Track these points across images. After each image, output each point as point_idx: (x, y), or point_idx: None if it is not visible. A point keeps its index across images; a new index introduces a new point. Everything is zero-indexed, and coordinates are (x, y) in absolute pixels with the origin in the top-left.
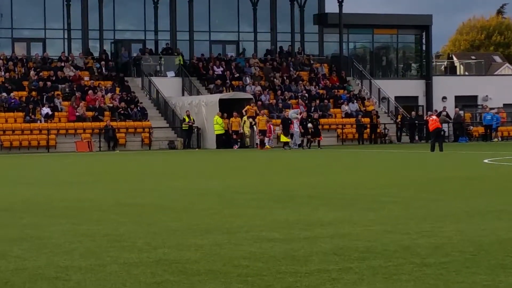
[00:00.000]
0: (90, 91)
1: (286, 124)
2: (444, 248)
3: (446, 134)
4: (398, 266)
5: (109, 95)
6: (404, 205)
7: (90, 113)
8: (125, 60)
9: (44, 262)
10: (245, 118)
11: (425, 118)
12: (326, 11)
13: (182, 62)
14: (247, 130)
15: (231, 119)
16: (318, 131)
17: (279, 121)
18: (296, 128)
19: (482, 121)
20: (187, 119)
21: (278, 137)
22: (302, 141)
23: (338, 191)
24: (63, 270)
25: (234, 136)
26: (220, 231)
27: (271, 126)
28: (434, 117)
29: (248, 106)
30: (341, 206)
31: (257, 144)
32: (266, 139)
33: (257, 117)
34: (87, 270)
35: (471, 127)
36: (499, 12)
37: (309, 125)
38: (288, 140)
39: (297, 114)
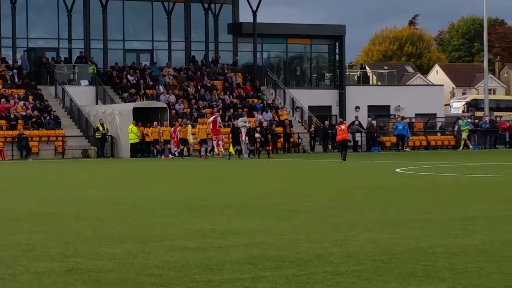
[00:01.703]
0: (2, 100)
1: (236, 133)
2: (356, 256)
3: (359, 143)
4: (311, 275)
5: (21, 103)
6: (317, 214)
7: (2, 122)
8: (25, 68)
9: None
10: (189, 127)
11: (336, 126)
12: (240, 21)
13: (95, 71)
14: (190, 138)
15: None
16: (268, 140)
17: (228, 129)
18: (244, 137)
19: (394, 130)
20: (100, 128)
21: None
22: (251, 150)
23: (253, 200)
24: None
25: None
26: (134, 240)
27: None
28: (343, 126)
29: (180, 128)
30: (255, 216)
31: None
32: (203, 149)
33: (197, 126)
34: None
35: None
36: (411, 23)
37: (257, 134)
38: (233, 151)
39: (245, 122)
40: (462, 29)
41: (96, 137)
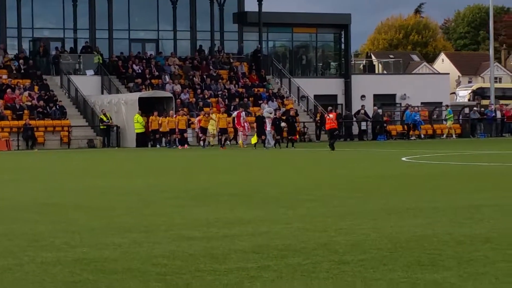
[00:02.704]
0: (8, 90)
1: (261, 123)
2: (362, 245)
3: (366, 131)
4: (316, 264)
5: (26, 93)
6: (322, 203)
7: (8, 112)
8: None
9: None
10: (212, 116)
11: (324, 116)
12: (245, 10)
13: (101, 61)
14: (211, 128)
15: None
16: (294, 130)
17: (253, 119)
18: (268, 127)
19: (404, 119)
20: (104, 119)
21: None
22: (277, 140)
23: (258, 189)
24: None
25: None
26: (139, 229)
27: (246, 124)
28: (331, 115)
29: (203, 117)
30: (260, 205)
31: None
32: (223, 139)
33: (217, 115)
34: (4, 270)
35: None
36: (417, 11)
37: (283, 124)
38: (255, 141)
39: (270, 113)
40: (468, 17)
41: (101, 127)
